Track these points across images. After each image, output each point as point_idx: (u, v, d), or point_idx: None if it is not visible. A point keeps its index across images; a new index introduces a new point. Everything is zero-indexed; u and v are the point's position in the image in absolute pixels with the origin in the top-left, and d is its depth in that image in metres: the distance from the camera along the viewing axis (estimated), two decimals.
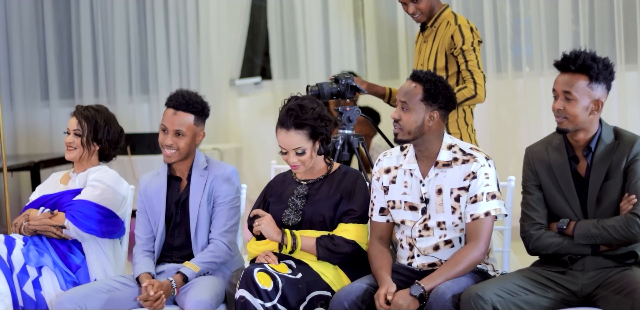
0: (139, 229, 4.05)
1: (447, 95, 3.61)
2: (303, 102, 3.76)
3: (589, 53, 3.48)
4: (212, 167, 4.03)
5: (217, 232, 3.95)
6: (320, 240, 3.70)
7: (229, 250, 3.94)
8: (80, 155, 4.21)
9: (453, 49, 4.41)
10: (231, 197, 4.00)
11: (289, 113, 3.73)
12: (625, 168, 3.50)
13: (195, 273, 3.85)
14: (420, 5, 4.48)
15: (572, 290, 3.49)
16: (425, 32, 4.57)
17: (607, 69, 3.48)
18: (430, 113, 3.61)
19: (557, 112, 3.51)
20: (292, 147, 3.74)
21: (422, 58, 4.56)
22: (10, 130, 7.72)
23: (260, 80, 7.88)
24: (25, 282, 3.88)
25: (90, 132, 4.19)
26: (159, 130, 4.00)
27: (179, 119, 3.95)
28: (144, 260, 3.95)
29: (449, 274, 3.50)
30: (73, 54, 7.78)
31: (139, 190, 4.09)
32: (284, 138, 3.74)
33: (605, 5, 6.49)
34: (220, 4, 7.49)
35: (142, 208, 4.06)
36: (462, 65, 4.40)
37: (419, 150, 3.69)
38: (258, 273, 3.51)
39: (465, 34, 4.42)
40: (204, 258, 3.90)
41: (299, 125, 3.72)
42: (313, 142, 3.76)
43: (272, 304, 3.48)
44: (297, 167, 3.78)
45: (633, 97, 6.49)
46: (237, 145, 7.55)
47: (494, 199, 3.58)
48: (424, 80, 3.60)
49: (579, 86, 3.46)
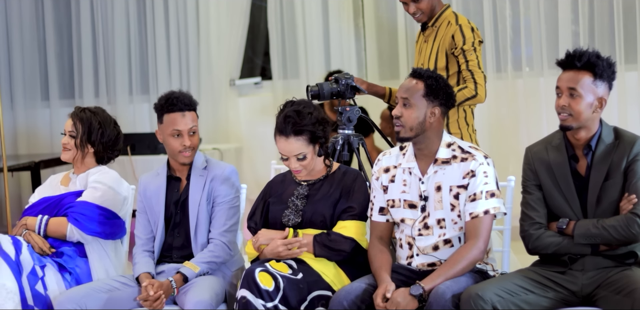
0: (138, 229, 4.05)
1: (447, 92, 3.63)
2: (299, 107, 3.76)
3: (593, 51, 3.50)
4: (211, 167, 4.04)
5: (216, 232, 3.96)
6: (317, 237, 3.71)
7: (229, 250, 3.95)
8: (74, 156, 4.21)
9: (454, 48, 4.42)
10: (230, 197, 4.00)
11: (287, 120, 3.73)
12: (625, 168, 3.50)
13: (195, 273, 3.85)
14: (421, 5, 4.48)
15: (572, 290, 3.49)
16: (426, 31, 4.58)
17: (610, 67, 3.50)
18: (432, 109, 3.62)
19: (562, 108, 3.51)
20: (293, 154, 3.75)
21: (423, 58, 4.56)
22: (10, 130, 7.72)
23: (260, 81, 7.88)
24: (36, 282, 3.88)
25: (84, 134, 4.18)
26: (167, 137, 3.97)
27: (189, 118, 4.00)
28: (143, 260, 3.95)
29: (448, 273, 3.50)
30: (73, 54, 7.79)
31: (139, 191, 4.10)
32: (284, 146, 3.75)
33: (605, 5, 6.49)
34: (220, 4, 7.49)
35: (142, 208, 4.07)
36: (462, 65, 4.40)
37: (418, 148, 3.69)
38: (259, 273, 3.51)
39: (466, 34, 4.42)
40: (203, 258, 3.90)
41: (298, 132, 3.72)
42: (313, 146, 3.77)
43: (273, 304, 3.48)
44: (299, 171, 3.79)
45: (633, 97, 6.49)
46: (237, 145, 7.55)
47: (493, 197, 3.58)
48: (425, 77, 3.62)
49: (584, 83, 3.47)
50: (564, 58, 3.53)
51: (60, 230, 4.09)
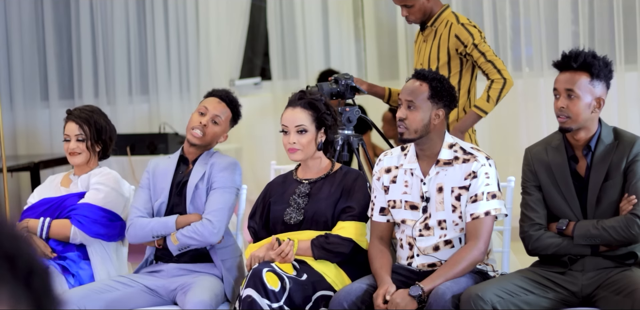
0: (138, 202, 4.02)
1: (451, 94, 3.64)
2: (316, 95, 3.83)
3: (588, 51, 3.50)
4: (216, 156, 4.06)
5: (207, 211, 3.93)
6: (314, 241, 3.70)
7: (213, 230, 3.88)
8: (88, 159, 4.19)
9: (463, 47, 4.45)
10: (227, 184, 3.98)
11: (299, 94, 3.82)
12: (625, 168, 3.50)
13: (176, 246, 3.88)
14: (412, 10, 4.53)
15: (572, 290, 3.49)
16: (425, 31, 4.59)
17: (607, 66, 3.49)
18: (436, 111, 3.62)
19: (560, 110, 3.50)
20: (295, 124, 3.76)
21: (422, 57, 4.58)
22: (10, 131, 7.72)
23: (260, 81, 7.88)
24: None
25: (93, 134, 4.17)
26: (194, 113, 4.04)
27: (221, 107, 4.04)
28: (156, 218, 3.96)
29: (448, 274, 3.50)
30: (73, 54, 7.78)
31: (147, 169, 4.10)
32: (289, 115, 3.78)
33: (605, 5, 6.48)
34: (220, 4, 7.49)
35: (147, 185, 4.06)
36: (479, 59, 4.46)
37: (420, 149, 3.69)
38: (267, 273, 3.50)
39: (470, 30, 4.48)
40: (185, 232, 3.89)
41: (306, 105, 3.77)
42: (316, 127, 3.77)
43: (279, 305, 3.47)
44: (295, 150, 3.78)
45: (633, 97, 6.49)
46: (237, 145, 7.54)
47: (494, 198, 3.58)
48: (429, 79, 3.62)
49: (581, 83, 3.47)
50: (560, 59, 3.53)
51: (63, 232, 4.08)
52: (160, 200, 4.00)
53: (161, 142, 6.93)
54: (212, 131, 4.02)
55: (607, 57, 3.52)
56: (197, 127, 4.00)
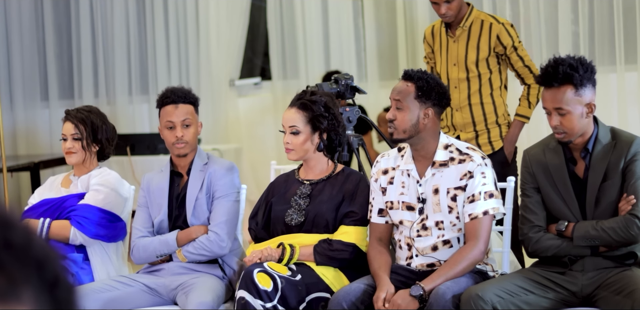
0: (138, 222, 4.03)
1: (440, 92, 3.62)
2: (317, 96, 3.84)
3: (565, 61, 3.45)
4: (211, 163, 4.05)
5: (213, 224, 3.94)
6: (317, 247, 3.70)
7: (221, 243, 3.90)
8: (83, 158, 4.19)
9: (502, 48, 4.60)
10: (229, 191, 3.98)
11: (299, 95, 3.86)
12: (623, 168, 3.49)
13: (184, 263, 3.91)
14: (452, 6, 4.59)
15: (572, 290, 3.49)
16: (455, 32, 4.65)
17: (587, 70, 3.45)
18: (425, 110, 3.62)
19: (555, 128, 3.50)
20: (288, 124, 3.80)
21: (456, 58, 4.66)
22: (10, 131, 7.71)
23: (260, 81, 7.88)
24: None
25: (89, 134, 4.18)
26: (162, 129, 4.03)
27: (182, 110, 4.01)
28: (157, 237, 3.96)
29: (448, 274, 3.50)
30: (73, 54, 7.78)
31: (142, 187, 4.10)
32: (286, 114, 3.84)
33: (604, 6, 6.48)
34: (220, 4, 7.49)
35: (144, 203, 4.06)
36: (517, 62, 4.63)
37: (415, 149, 3.69)
38: (258, 274, 3.51)
39: (510, 32, 4.64)
40: (194, 249, 3.90)
41: (301, 106, 3.79)
42: (311, 128, 3.77)
43: (272, 304, 3.47)
44: (289, 150, 3.81)
45: (633, 97, 6.48)
46: (236, 145, 7.54)
47: (491, 198, 3.58)
48: (415, 78, 3.62)
49: (568, 98, 3.45)
50: (540, 76, 3.50)
51: (62, 233, 4.07)
52: (160, 217, 3.99)
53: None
54: (190, 134, 4.01)
55: (584, 59, 3.48)
56: (176, 142, 3.99)
